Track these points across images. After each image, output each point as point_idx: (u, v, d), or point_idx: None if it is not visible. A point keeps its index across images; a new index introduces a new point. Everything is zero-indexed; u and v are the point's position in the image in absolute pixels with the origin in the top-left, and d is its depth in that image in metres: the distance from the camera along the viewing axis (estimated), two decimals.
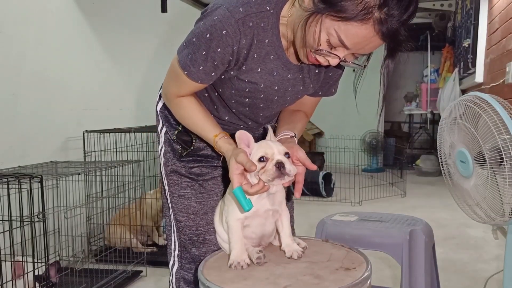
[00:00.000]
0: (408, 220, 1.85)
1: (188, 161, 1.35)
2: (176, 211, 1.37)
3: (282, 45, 1.16)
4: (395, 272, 2.58)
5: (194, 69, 1.14)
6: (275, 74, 1.19)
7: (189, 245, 1.37)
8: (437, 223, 3.58)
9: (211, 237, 1.36)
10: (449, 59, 5.93)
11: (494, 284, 2.34)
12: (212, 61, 1.12)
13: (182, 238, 1.38)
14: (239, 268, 1.10)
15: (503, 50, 3.41)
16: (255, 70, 1.17)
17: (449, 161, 1.96)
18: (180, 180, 1.35)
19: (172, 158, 1.36)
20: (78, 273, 2.45)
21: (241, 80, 1.18)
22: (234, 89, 1.22)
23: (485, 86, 3.97)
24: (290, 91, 1.26)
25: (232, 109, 1.29)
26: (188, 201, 1.35)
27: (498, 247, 3.04)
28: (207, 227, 1.35)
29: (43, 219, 1.94)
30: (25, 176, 1.84)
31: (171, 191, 1.37)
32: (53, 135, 2.86)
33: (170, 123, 1.36)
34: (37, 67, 2.74)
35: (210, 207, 1.36)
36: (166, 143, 1.37)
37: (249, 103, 1.26)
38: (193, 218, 1.35)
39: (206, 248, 1.36)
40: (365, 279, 1.05)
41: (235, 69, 1.17)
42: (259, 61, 1.16)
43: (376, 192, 4.77)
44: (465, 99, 1.80)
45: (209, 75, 1.15)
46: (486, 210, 1.78)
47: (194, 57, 1.12)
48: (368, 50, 1.07)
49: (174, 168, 1.35)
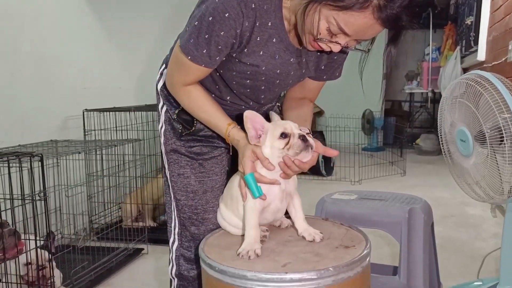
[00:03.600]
0: (408, 198, 1.86)
1: (188, 140, 1.34)
2: (175, 189, 1.37)
3: (285, 28, 1.15)
4: (394, 250, 2.61)
5: (198, 53, 1.12)
6: (277, 57, 1.18)
7: (188, 223, 1.38)
8: (436, 201, 3.60)
9: (210, 216, 1.36)
10: (451, 37, 5.87)
11: (492, 261, 2.37)
12: (216, 45, 1.10)
13: (181, 216, 1.38)
14: (246, 258, 1.06)
15: (506, 27, 3.37)
16: (257, 53, 1.16)
17: (449, 140, 1.96)
18: (179, 159, 1.35)
19: (172, 137, 1.35)
20: (80, 251, 2.48)
21: (243, 62, 1.17)
22: (235, 71, 1.21)
23: (487, 64, 3.94)
24: (293, 74, 1.25)
25: (233, 90, 1.28)
26: (187, 180, 1.35)
27: (496, 225, 3.07)
28: (206, 206, 1.36)
29: (44, 197, 1.95)
30: (25, 155, 1.84)
31: (170, 169, 1.37)
32: (52, 114, 2.85)
33: (171, 102, 1.35)
34: (35, 46, 2.71)
35: (210, 186, 1.36)
36: (167, 122, 1.37)
37: (251, 85, 1.25)
38: (192, 197, 1.35)
39: (205, 227, 1.36)
40: (364, 256, 1.06)
41: (237, 52, 1.16)
42: (261, 44, 1.14)
43: (376, 171, 4.79)
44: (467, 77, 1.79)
45: (213, 59, 1.14)
46: (485, 188, 1.79)
47: (197, 41, 1.10)
48: (369, 36, 1.07)
49: (174, 147, 1.35)
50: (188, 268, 1.40)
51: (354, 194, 1.94)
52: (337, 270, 0.99)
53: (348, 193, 1.94)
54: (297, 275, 0.96)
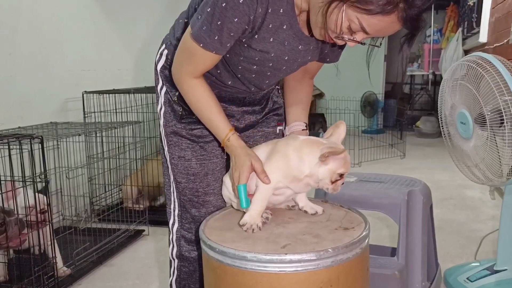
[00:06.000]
0: (407, 181, 1.87)
1: (189, 122, 1.34)
2: (176, 172, 1.37)
3: (296, 15, 1.14)
4: (393, 231, 2.63)
5: (210, 39, 1.10)
6: (286, 44, 1.18)
7: (189, 205, 1.38)
8: (435, 184, 3.62)
9: (211, 199, 1.37)
10: (453, 18, 5.81)
11: (489, 243, 2.39)
12: (229, 31, 1.09)
13: (182, 198, 1.39)
14: (249, 232, 1.12)
15: (509, 9, 3.34)
16: (267, 39, 1.15)
17: (449, 122, 1.95)
18: (180, 142, 1.35)
19: (173, 119, 1.35)
20: (81, 232, 2.50)
21: (253, 49, 1.17)
22: (243, 56, 1.20)
23: (489, 46, 3.91)
24: (300, 61, 1.25)
25: (237, 74, 1.27)
26: (188, 163, 1.35)
27: (495, 208, 3.09)
28: (207, 189, 1.36)
29: (45, 179, 1.96)
30: (25, 137, 1.84)
31: (170, 152, 1.37)
32: (52, 96, 2.84)
33: (172, 83, 1.33)
34: (33, 26, 2.69)
35: (211, 168, 1.36)
36: (166, 104, 1.36)
37: (257, 70, 1.24)
38: (193, 179, 1.36)
39: (206, 210, 1.37)
40: (363, 238, 1.07)
41: (248, 37, 1.14)
42: (272, 30, 1.14)
43: (375, 154, 4.79)
44: (468, 59, 1.78)
45: (224, 45, 1.12)
46: (485, 171, 1.80)
47: (210, 28, 1.09)
48: (387, 34, 1.07)
49: (175, 129, 1.35)
50: (189, 249, 1.42)
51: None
52: (336, 251, 1.00)
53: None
54: (296, 256, 0.97)
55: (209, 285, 1.12)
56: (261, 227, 1.14)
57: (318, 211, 1.24)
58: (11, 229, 1.82)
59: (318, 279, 0.99)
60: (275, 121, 1.47)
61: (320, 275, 0.99)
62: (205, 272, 1.13)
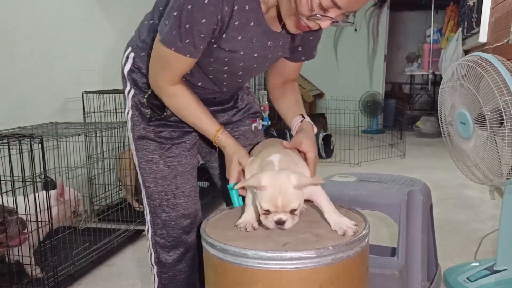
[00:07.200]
0: (407, 181, 1.87)
1: (158, 125, 1.32)
2: (144, 176, 1.35)
3: (262, 11, 1.13)
4: (393, 231, 2.63)
5: (181, 43, 1.09)
6: (254, 41, 1.17)
7: (159, 211, 1.36)
8: (435, 184, 3.61)
9: (180, 201, 1.35)
10: (453, 18, 5.82)
11: (489, 242, 2.39)
12: (199, 33, 1.08)
13: (151, 204, 1.37)
14: (243, 230, 1.11)
15: (509, 8, 3.34)
16: (235, 38, 1.14)
17: (449, 122, 1.96)
18: (148, 145, 1.33)
19: (141, 122, 1.32)
20: (81, 232, 2.50)
21: (222, 49, 1.16)
22: (213, 57, 1.19)
23: (489, 46, 3.92)
24: (270, 58, 1.25)
25: (209, 75, 1.26)
26: (156, 166, 1.33)
27: (494, 207, 3.09)
28: (176, 192, 1.34)
29: (45, 179, 1.96)
30: (25, 137, 1.84)
31: (139, 156, 1.34)
32: (52, 96, 2.84)
33: (139, 86, 1.32)
34: (33, 26, 2.69)
35: (179, 170, 1.34)
36: (134, 107, 1.33)
37: (228, 71, 1.24)
38: (162, 183, 1.33)
39: (176, 213, 1.35)
40: (362, 237, 1.07)
41: (216, 38, 1.13)
42: (240, 28, 1.13)
43: (375, 154, 4.80)
44: (468, 59, 1.78)
45: (197, 48, 1.12)
46: (484, 171, 1.80)
47: (179, 32, 1.08)
48: (358, 7, 1.06)
49: (142, 133, 1.32)
50: (165, 255, 1.40)
51: (353, 176, 1.95)
52: (336, 249, 1.00)
53: (347, 175, 1.95)
54: (297, 253, 0.97)
55: (210, 282, 1.12)
56: (256, 226, 1.13)
57: (347, 233, 1.07)
58: (12, 228, 1.82)
59: (318, 276, 0.99)
60: (250, 118, 1.46)
61: (320, 273, 0.99)
62: (206, 270, 1.13)
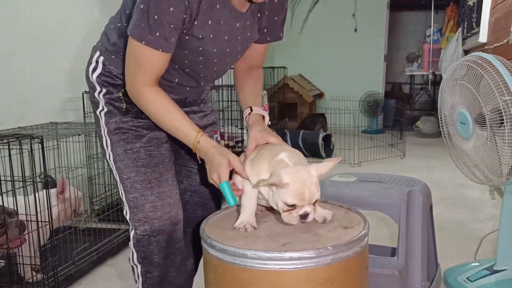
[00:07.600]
0: (407, 181, 1.87)
1: (134, 116, 1.30)
2: (122, 170, 1.29)
3: None
4: (393, 231, 2.63)
5: (152, 36, 1.09)
6: (222, 23, 1.18)
7: (141, 202, 1.29)
8: (435, 184, 3.62)
9: (165, 190, 1.30)
10: (453, 18, 5.82)
11: (489, 243, 2.39)
12: (169, 24, 1.08)
13: (131, 197, 1.30)
14: (242, 230, 1.11)
15: (509, 8, 3.34)
16: (206, 23, 1.15)
17: (449, 122, 1.96)
18: (126, 135, 1.29)
19: (117, 115, 1.30)
20: (82, 232, 2.50)
21: (195, 37, 1.16)
22: (187, 49, 1.19)
23: (489, 46, 3.92)
24: (240, 40, 1.25)
25: (185, 69, 1.26)
26: (137, 154, 1.29)
27: (494, 207, 3.09)
28: (160, 179, 1.30)
29: (45, 179, 1.96)
30: (25, 137, 1.84)
31: (115, 150, 1.30)
32: (52, 96, 2.84)
33: (113, 84, 1.31)
34: (33, 26, 2.69)
35: (161, 159, 1.31)
36: (108, 104, 1.31)
37: (203, 60, 1.23)
38: (144, 171, 1.29)
39: (162, 202, 1.29)
40: (362, 236, 1.08)
41: (188, 27, 1.14)
42: (208, 12, 1.14)
43: (375, 154, 4.79)
44: (468, 59, 1.78)
45: (169, 40, 1.11)
46: (484, 171, 1.80)
47: (148, 24, 1.07)
48: None
49: (119, 125, 1.30)
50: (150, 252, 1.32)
51: (353, 176, 1.95)
52: (335, 249, 1.00)
53: (347, 175, 1.95)
54: (296, 253, 0.97)
55: (209, 283, 1.12)
56: (256, 226, 1.13)
57: (327, 217, 1.17)
58: (12, 230, 1.82)
59: (317, 276, 0.99)
60: (211, 131, 1.46)
61: (319, 273, 0.99)
62: (206, 270, 1.13)
